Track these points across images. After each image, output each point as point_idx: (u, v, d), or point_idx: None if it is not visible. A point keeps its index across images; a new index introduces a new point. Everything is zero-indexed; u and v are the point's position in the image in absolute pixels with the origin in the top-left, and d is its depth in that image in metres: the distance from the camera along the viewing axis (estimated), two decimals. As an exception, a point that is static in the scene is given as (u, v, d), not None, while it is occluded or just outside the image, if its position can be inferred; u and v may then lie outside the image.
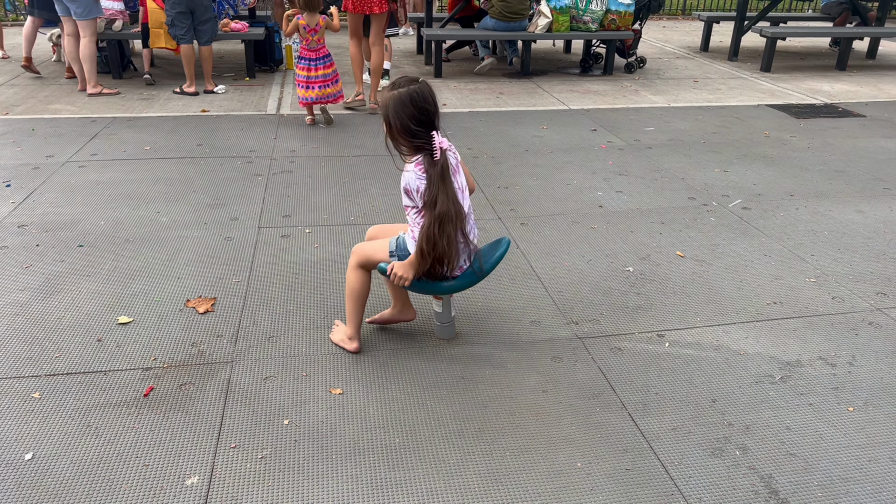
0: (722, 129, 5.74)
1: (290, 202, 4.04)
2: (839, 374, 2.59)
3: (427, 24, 7.85)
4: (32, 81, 6.69)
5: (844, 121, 6.06)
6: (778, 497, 2.03)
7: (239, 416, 2.31)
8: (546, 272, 3.30)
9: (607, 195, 4.26)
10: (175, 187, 4.21)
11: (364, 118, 5.84)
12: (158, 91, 6.52)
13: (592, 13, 7.26)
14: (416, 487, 2.04)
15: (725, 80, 7.56)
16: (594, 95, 6.80)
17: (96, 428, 2.24)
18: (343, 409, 2.36)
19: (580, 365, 2.62)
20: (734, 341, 2.79)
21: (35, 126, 5.33)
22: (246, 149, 4.95)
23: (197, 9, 6.12)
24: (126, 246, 3.45)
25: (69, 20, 5.97)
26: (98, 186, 4.19)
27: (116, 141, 5.04)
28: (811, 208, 4.12)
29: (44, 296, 2.99)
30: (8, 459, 2.10)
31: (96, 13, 5.98)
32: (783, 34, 8.05)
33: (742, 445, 2.23)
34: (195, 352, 2.65)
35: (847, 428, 2.32)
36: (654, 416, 2.35)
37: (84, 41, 5.99)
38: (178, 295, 3.03)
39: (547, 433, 2.27)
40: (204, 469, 2.09)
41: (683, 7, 13.05)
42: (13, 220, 3.71)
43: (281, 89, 6.74)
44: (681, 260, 3.45)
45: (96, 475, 2.05)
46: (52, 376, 2.48)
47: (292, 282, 3.16)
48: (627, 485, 2.07)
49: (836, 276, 3.33)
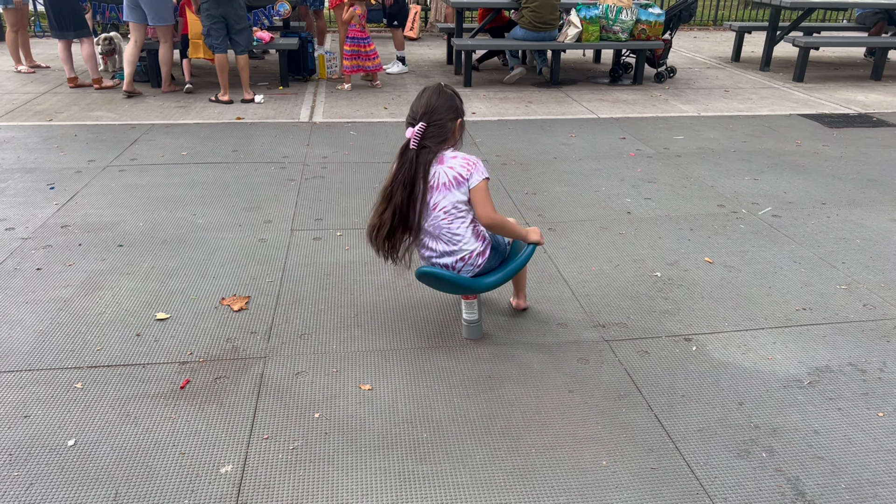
0: (753, 138, 5.71)
1: (321, 206, 4.13)
2: (869, 380, 2.57)
3: (457, 35, 7.94)
4: (75, 90, 6.91)
5: (879, 130, 5.99)
6: (805, 498, 2.02)
7: (271, 409, 2.37)
8: (573, 276, 3.33)
9: (636, 202, 4.27)
10: (211, 191, 4.32)
11: (394, 127, 5.92)
12: (195, 99, 6.69)
13: (622, 23, 7.28)
14: (443, 481, 2.08)
15: (757, 90, 7.51)
16: (623, 104, 6.81)
17: (135, 417, 2.32)
18: (372, 404, 2.41)
19: (606, 366, 2.64)
20: (762, 346, 2.78)
21: (77, 132, 5.52)
22: (279, 155, 5.07)
23: (231, 19, 6.28)
24: (164, 246, 3.56)
25: (140, 28, 6.42)
26: (137, 189, 4.32)
27: (155, 146, 5.19)
28: (843, 216, 4.08)
29: (86, 292, 3.10)
30: (52, 445, 2.19)
31: (172, 21, 6.55)
32: (816, 44, 7.98)
33: (769, 448, 2.23)
34: (230, 347, 2.72)
35: (876, 432, 2.30)
36: (680, 418, 2.36)
37: (164, 46, 6.63)
38: (214, 293, 3.12)
39: (572, 432, 2.29)
40: (237, 458, 2.15)
41: (715, 18, 12.98)
42: (57, 220, 3.84)
43: (314, 98, 6.87)
44: (709, 266, 3.45)
45: (135, 462, 2.13)
46: (94, 368, 2.57)
47: (324, 282, 3.23)
48: (652, 483, 2.08)
49: (867, 283, 3.30)
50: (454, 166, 2.50)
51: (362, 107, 6.54)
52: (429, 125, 2.48)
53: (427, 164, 2.49)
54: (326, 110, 6.39)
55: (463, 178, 2.49)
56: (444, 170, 2.50)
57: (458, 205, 2.52)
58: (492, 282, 2.59)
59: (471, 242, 2.56)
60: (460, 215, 2.54)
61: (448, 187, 2.50)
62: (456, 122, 2.52)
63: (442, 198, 2.51)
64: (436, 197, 2.51)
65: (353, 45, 7.02)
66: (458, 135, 2.56)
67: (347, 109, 6.44)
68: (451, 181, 2.49)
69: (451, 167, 2.50)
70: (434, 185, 2.50)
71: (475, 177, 2.49)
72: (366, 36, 7.02)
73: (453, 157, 2.53)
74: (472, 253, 2.57)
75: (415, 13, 10.67)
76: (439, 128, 2.49)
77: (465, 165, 2.50)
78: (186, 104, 6.49)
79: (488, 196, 2.50)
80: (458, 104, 2.53)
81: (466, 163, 2.51)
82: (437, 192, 2.51)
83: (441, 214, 2.52)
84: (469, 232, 2.56)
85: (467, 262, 2.57)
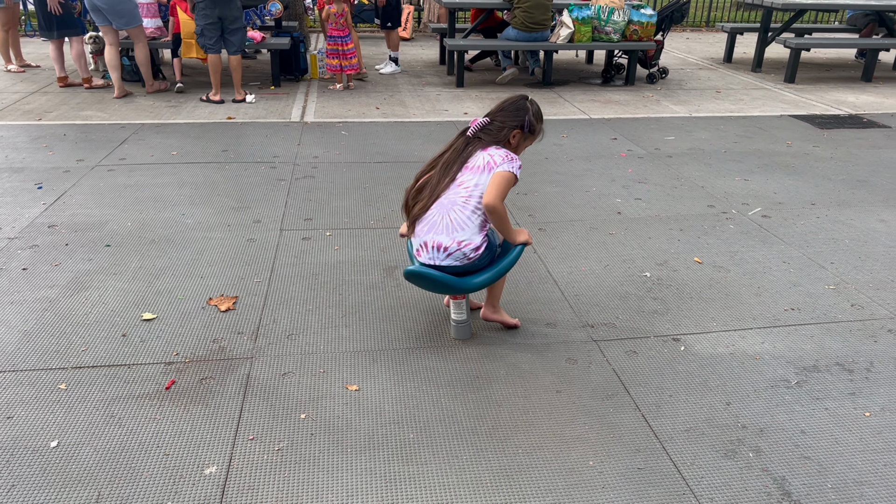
0: (744, 139, 5.72)
1: (311, 206, 4.11)
2: (856, 380, 2.58)
3: (450, 35, 7.93)
4: (65, 89, 6.87)
5: (869, 131, 6.01)
6: (791, 498, 2.02)
7: (257, 410, 2.36)
8: (563, 276, 3.33)
9: (626, 202, 4.27)
10: (200, 191, 4.30)
11: (386, 127, 5.91)
12: (186, 99, 6.66)
13: (615, 24, 7.29)
14: (429, 481, 2.07)
15: (748, 91, 7.53)
16: (615, 105, 6.81)
17: (119, 418, 2.30)
18: (359, 404, 2.40)
19: (595, 366, 2.64)
20: (750, 346, 2.78)
21: (66, 131, 5.48)
22: (270, 154, 5.05)
23: (226, 19, 6.26)
24: (151, 246, 3.54)
25: (109, 30, 6.24)
26: (126, 189, 4.30)
27: (144, 146, 5.17)
28: (832, 217, 4.09)
29: (72, 292, 3.08)
30: (34, 446, 2.17)
31: (138, 21, 6.34)
32: (807, 45, 8.01)
33: (756, 448, 2.23)
34: (216, 348, 2.71)
35: (863, 432, 2.30)
36: (667, 418, 2.36)
37: (138, 47, 6.48)
38: (201, 293, 3.10)
39: (560, 432, 2.28)
40: (222, 459, 2.14)
41: (707, 19, 13.02)
42: (44, 220, 3.82)
43: (305, 98, 6.85)
44: (698, 266, 3.45)
45: (118, 463, 2.11)
46: (79, 369, 2.55)
47: (312, 282, 3.22)
48: (639, 483, 2.08)
49: (855, 283, 3.30)
50: (494, 155, 2.55)
51: (354, 107, 6.53)
52: (491, 122, 2.61)
53: (471, 154, 2.59)
54: (318, 110, 6.37)
55: (495, 164, 2.53)
56: (484, 155, 2.56)
57: (480, 189, 2.53)
58: (479, 282, 2.58)
59: (473, 233, 2.55)
60: (477, 202, 2.54)
61: (479, 170, 2.55)
62: (514, 131, 2.60)
63: (469, 178, 2.56)
64: (465, 175, 2.57)
65: (333, 45, 7.05)
66: (514, 143, 2.63)
67: (339, 109, 6.42)
68: (484, 165, 2.55)
69: (491, 155, 2.55)
70: (470, 166, 2.57)
71: (505, 166, 2.53)
72: (345, 34, 7.00)
73: (499, 149, 2.58)
74: (469, 242, 2.54)
75: (408, 13, 10.66)
76: (497, 129, 2.60)
77: (504, 157, 2.54)
78: (177, 104, 6.46)
79: (505, 188, 2.52)
80: (527, 118, 2.60)
81: (506, 156, 2.55)
82: (468, 172, 2.57)
83: (461, 191, 2.55)
84: (476, 222, 2.56)
85: (461, 249, 2.54)
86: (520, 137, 2.63)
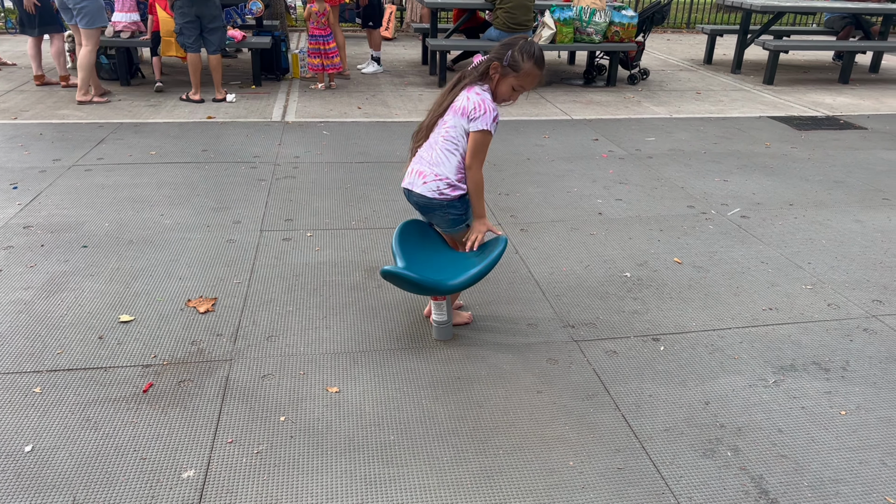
0: (723, 140, 5.77)
1: (292, 207, 4.09)
2: (832, 379, 2.61)
3: (432, 35, 7.92)
4: (41, 88, 6.77)
5: (846, 133, 6.09)
6: (768, 497, 2.04)
7: (236, 413, 2.34)
8: (544, 277, 3.33)
9: (607, 203, 4.29)
10: (179, 191, 4.26)
11: (368, 127, 5.89)
12: (165, 98, 6.60)
13: (596, 25, 7.32)
14: (409, 483, 2.07)
15: (728, 93, 7.60)
16: (597, 106, 6.85)
17: (95, 422, 2.27)
18: (339, 406, 2.39)
19: (575, 367, 2.65)
20: (729, 346, 2.81)
21: (43, 131, 5.40)
22: (250, 154, 5.01)
23: (205, 18, 6.20)
24: (129, 247, 3.50)
25: (76, 28, 6.07)
26: (103, 190, 4.24)
27: (123, 146, 5.10)
28: (810, 217, 4.14)
29: (47, 294, 3.03)
30: (8, 451, 2.13)
31: (100, 23, 6.07)
32: (786, 47, 8.10)
33: (734, 447, 2.24)
34: (195, 350, 2.68)
35: (839, 431, 2.33)
36: (647, 418, 2.37)
37: (85, 50, 6.06)
38: (180, 295, 3.07)
39: (540, 432, 2.29)
40: (200, 463, 2.12)
41: (688, 21, 13.13)
42: (19, 221, 3.76)
43: (286, 97, 6.81)
44: (678, 266, 3.48)
45: (94, 467, 2.08)
46: (54, 372, 2.51)
47: (292, 283, 3.20)
48: (618, 483, 2.09)
49: (832, 283, 3.34)
50: (471, 98, 2.55)
51: (336, 106, 6.50)
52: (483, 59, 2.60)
53: (458, 94, 2.60)
54: (299, 110, 6.34)
55: (466, 113, 2.53)
56: (464, 95, 2.57)
57: (457, 131, 2.56)
58: (457, 283, 2.57)
59: (450, 171, 2.58)
60: (455, 144, 2.57)
61: (456, 112, 2.56)
62: (493, 62, 2.53)
63: (450, 118, 2.58)
64: (447, 115, 2.60)
65: (314, 44, 7.04)
66: (495, 80, 2.55)
67: (320, 109, 6.39)
68: (460, 109, 2.55)
69: (469, 98, 2.55)
70: (455, 106, 2.58)
71: (476, 124, 2.51)
72: (327, 33, 7.00)
73: (478, 93, 2.55)
74: (445, 177, 2.57)
75: (390, 13, 10.63)
76: (483, 63, 2.57)
77: (476, 105, 2.52)
78: (156, 103, 6.39)
79: (480, 150, 2.54)
80: (510, 52, 2.49)
81: (479, 105, 2.52)
82: (450, 112, 2.59)
83: (442, 130, 2.60)
84: (452, 161, 2.58)
85: (437, 180, 2.58)
86: (500, 72, 2.52)
